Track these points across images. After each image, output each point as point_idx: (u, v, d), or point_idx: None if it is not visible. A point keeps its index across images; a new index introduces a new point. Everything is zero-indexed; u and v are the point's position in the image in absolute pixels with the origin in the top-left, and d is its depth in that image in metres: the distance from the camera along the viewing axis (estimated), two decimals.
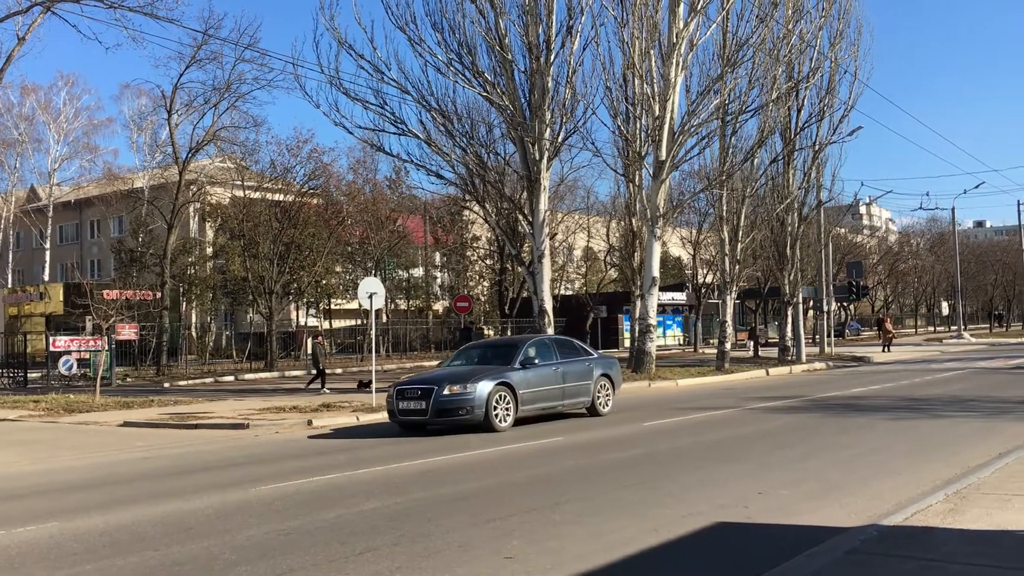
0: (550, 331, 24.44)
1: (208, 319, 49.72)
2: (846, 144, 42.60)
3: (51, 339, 29.58)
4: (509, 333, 40.95)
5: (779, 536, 6.87)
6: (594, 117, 57.32)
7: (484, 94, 24.64)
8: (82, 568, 6.55)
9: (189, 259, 46.58)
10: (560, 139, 25.51)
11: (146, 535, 7.54)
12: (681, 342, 54.87)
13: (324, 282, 45.47)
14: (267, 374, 33.77)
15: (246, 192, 40.09)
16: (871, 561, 5.75)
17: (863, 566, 5.65)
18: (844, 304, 60.27)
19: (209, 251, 48.59)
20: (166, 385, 29.67)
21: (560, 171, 41.76)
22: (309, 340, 31.79)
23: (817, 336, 42.74)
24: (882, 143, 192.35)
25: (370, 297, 19.43)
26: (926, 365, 30.72)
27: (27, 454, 13.79)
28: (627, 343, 39.25)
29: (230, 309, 50.94)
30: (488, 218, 30.32)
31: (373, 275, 39.08)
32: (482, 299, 53.33)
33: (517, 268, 41.15)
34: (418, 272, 53.72)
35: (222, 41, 40.68)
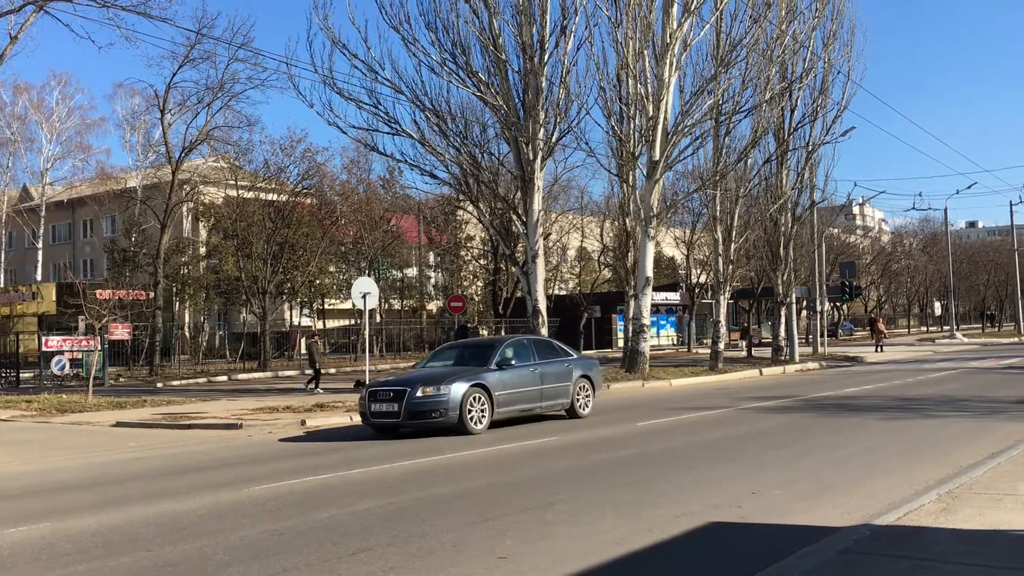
0: (544, 331, 24.40)
1: (201, 319, 49.62)
2: (839, 144, 42.68)
3: (44, 339, 29.46)
4: (503, 333, 40.89)
5: (773, 536, 6.89)
6: (588, 117, 57.76)
7: (478, 94, 24.64)
8: (74, 569, 6.53)
9: (182, 259, 46.44)
10: (554, 139, 25.52)
11: (139, 535, 7.52)
12: (675, 342, 54.94)
13: (318, 282, 45.38)
14: (260, 374, 33.70)
15: (239, 192, 39.97)
16: (864, 561, 5.76)
17: (856, 566, 5.67)
18: (837, 304, 60.37)
19: (202, 251, 48.43)
20: (159, 385, 29.56)
21: (554, 171, 41.70)
22: (303, 340, 31.72)
23: (810, 336, 42.81)
24: (875, 144, 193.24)
25: (364, 297, 19.46)
26: (919, 365, 30.79)
27: (19, 454, 13.75)
28: (621, 343, 39.26)
29: (223, 309, 50.85)
30: (482, 218, 30.27)
31: (367, 275, 39.02)
32: (476, 299, 53.32)
33: (511, 268, 41.11)
34: (412, 272, 53.69)
35: (215, 40, 40.43)
